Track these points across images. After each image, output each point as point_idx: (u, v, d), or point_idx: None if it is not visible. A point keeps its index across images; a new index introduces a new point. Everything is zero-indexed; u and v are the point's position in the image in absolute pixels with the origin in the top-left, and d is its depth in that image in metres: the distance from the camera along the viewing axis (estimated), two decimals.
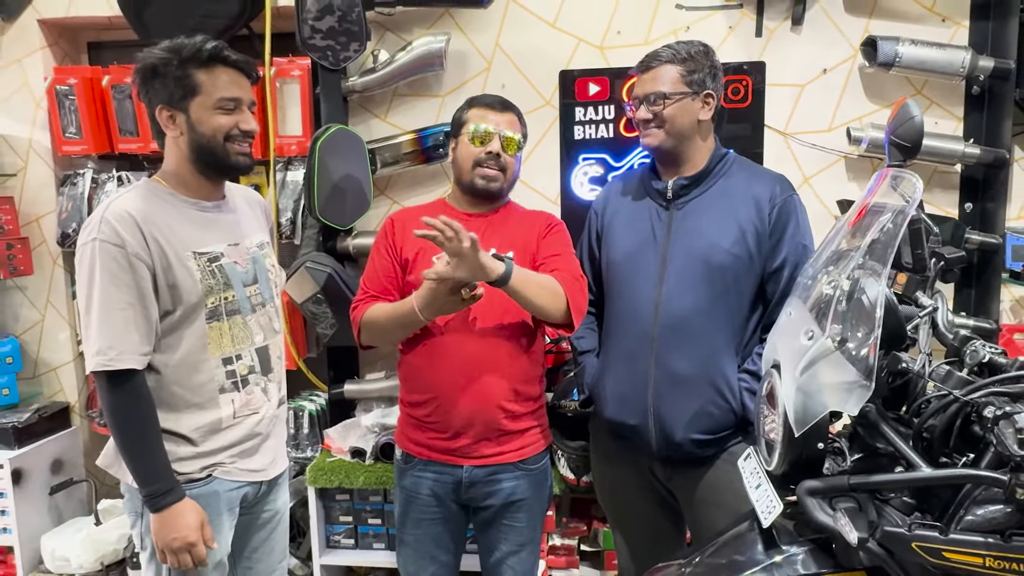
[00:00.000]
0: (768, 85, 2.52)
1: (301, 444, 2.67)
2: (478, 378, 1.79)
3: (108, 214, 1.52)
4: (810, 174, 2.56)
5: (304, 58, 2.54)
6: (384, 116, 2.70)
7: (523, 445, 1.87)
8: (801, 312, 1.29)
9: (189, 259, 1.58)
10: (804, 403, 1.17)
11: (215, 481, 1.63)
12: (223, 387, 1.63)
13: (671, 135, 1.77)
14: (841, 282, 1.20)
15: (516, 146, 1.86)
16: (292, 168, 2.64)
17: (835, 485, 1.19)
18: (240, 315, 1.65)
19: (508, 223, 1.91)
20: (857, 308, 1.15)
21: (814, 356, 1.18)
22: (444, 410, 1.81)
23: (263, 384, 1.70)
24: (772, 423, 1.27)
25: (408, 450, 1.90)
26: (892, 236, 1.16)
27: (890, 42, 2.36)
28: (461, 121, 1.89)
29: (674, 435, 1.75)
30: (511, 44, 2.62)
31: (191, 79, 1.55)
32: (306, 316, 2.55)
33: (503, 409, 1.81)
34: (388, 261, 1.88)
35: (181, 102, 1.56)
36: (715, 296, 1.74)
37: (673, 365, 1.75)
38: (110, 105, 2.65)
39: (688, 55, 1.75)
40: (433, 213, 1.87)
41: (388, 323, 1.80)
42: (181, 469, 1.59)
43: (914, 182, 1.20)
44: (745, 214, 1.75)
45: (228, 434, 1.64)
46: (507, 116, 1.87)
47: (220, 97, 1.56)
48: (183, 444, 1.60)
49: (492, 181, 1.84)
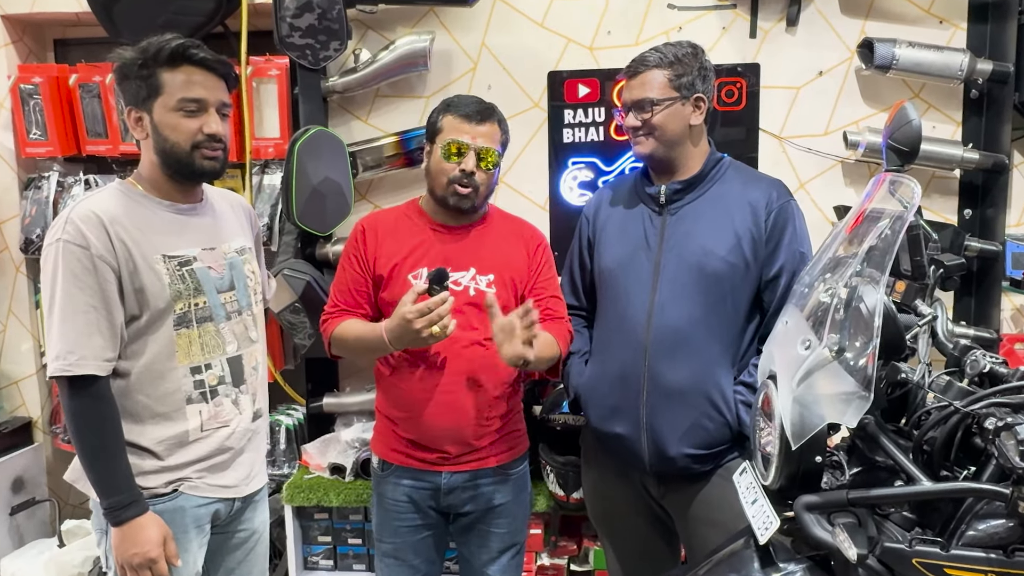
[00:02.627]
0: (763, 87, 2.55)
1: (277, 460, 2.65)
2: (455, 394, 1.81)
3: (74, 214, 1.52)
4: (806, 179, 2.58)
5: (282, 57, 2.53)
6: (366, 118, 2.70)
7: (501, 450, 1.88)
8: (798, 321, 1.30)
9: (158, 262, 1.57)
10: (801, 415, 1.18)
11: (181, 496, 1.62)
12: (190, 397, 1.62)
13: (662, 142, 1.78)
14: (838, 290, 1.21)
15: (494, 159, 1.82)
16: (269, 172, 2.63)
17: (833, 500, 1.19)
18: (212, 322, 1.64)
19: (488, 238, 1.90)
20: (855, 317, 1.16)
21: (811, 366, 1.19)
22: (420, 429, 1.83)
23: (233, 396, 1.69)
24: (768, 436, 1.27)
25: (385, 457, 1.91)
26: (890, 243, 1.18)
27: (887, 44, 2.39)
28: (436, 128, 1.85)
29: (667, 449, 1.76)
30: (498, 44, 2.63)
31: (155, 79, 1.54)
32: (283, 326, 2.54)
33: (478, 425, 1.83)
34: (359, 272, 1.88)
35: (145, 103, 1.56)
36: (710, 305, 1.75)
37: (666, 376, 1.75)
38: (77, 105, 2.63)
39: (676, 58, 1.76)
40: (406, 217, 1.91)
41: (357, 345, 1.83)
42: (145, 483, 1.58)
43: (912, 187, 1.22)
44: (741, 220, 1.76)
45: (195, 448, 1.63)
46: (485, 127, 1.81)
47: (181, 98, 1.54)
48: (147, 457, 1.59)
49: (464, 199, 1.82)
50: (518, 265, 1.90)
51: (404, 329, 1.65)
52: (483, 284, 1.85)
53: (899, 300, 1.48)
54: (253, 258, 1.80)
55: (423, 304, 1.62)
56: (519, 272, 1.90)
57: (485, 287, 1.85)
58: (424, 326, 1.62)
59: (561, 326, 1.89)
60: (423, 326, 1.62)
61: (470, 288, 1.84)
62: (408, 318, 1.63)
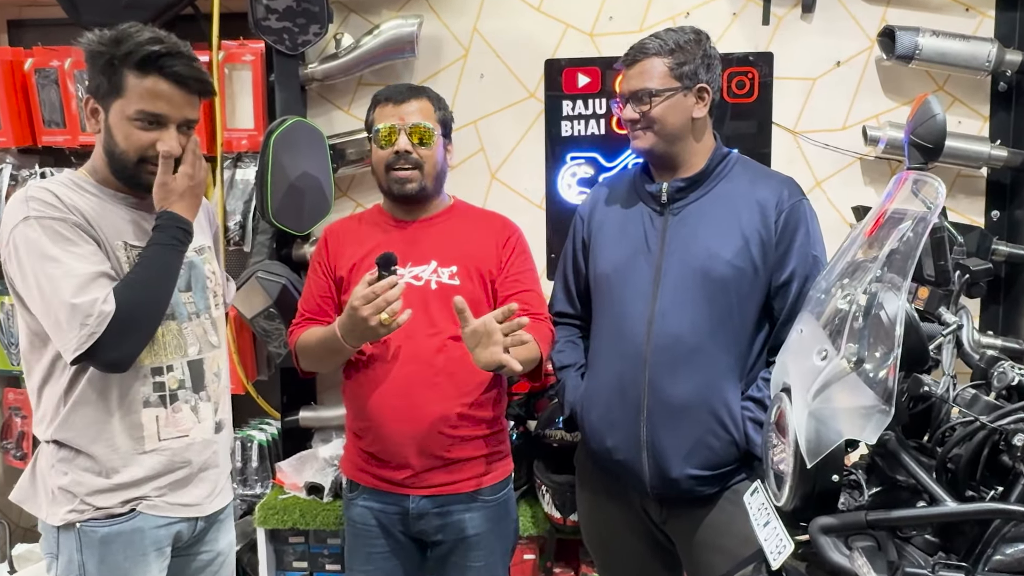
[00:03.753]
0: (776, 78, 2.57)
1: (249, 479, 2.64)
2: (414, 402, 1.81)
3: (31, 193, 1.51)
4: (822, 177, 2.60)
5: (257, 41, 2.54)
6: (348, 108, 2.70)
7: (477, 474, 1.88)
8: (813, 329, 1.31)
9: (119, 249, 1.58)
10: (817, 430, 1.18)
11: (139, 517, 1.61)
12: (148, 400, 1.62)
13: (662, 136, 1.79)
14: (857, 296, 1.22)
15: (429, 135, 1.85)
16: (242, 165, 2.63)
17: (851, 522, 1.20)
18: (175, 321, 1.65)
19: (450, 229, 1.92)
20: (875, 325, 1.17)
21: (828, 378, 1.19)
22: (383, 440, 1.84)
23: (193, 402, 1.68)
24: (782, 453, 1.28)
25: (353, 477, 1.93)
26: (912, 246, 1.19)
27: (909, 33, 2.41)
28: (369, 123, 1.92)
29: (669, 470, 1.76)
30: (491, 29, 2.64)
31: (119, 78, 1.52)
32: (257, 333, 2.54)
33: (446, 435, 1.83)
34: (323, 280, 1.92)
35: (104, 98, 1.55)
36: (715, 313, 1.76)
37: (668, 391, 1.75)
38: (33, 92, 2.63)
39: (677, 45, 1.77)
40: (369, 221, 1.96)
41: (319, 350, 1.85)
42: (98, 503, 1.58)
43: (936, 187, 1.23)
44: (749, 221, 1.77)
45: (152, 460, 1.62)
46: (413, 104, 1.87)
47: (138, 109, 1.52)
48: (98, 474, 1.59)
49: (407, 183, 1.85)
50: (485, 256, 1.91)
51: (353, 319, 1.65)
52: (445, 277, 1.86)
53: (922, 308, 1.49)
54: (213, 257, 1.79)
55: (368, 290, 1.62)
56: (486, 263, 1.90)
57: (448, 279, 1.85)
58: (371, 313, 1.62)
59: (540, 325, 1.88)
60: (370, 313, 1.62)
61: (431, 282, 1.85)
62: (355, 305, 1.63)
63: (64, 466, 1.59)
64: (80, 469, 1.58)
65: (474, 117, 2.67)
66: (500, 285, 1.91)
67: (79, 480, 1.58)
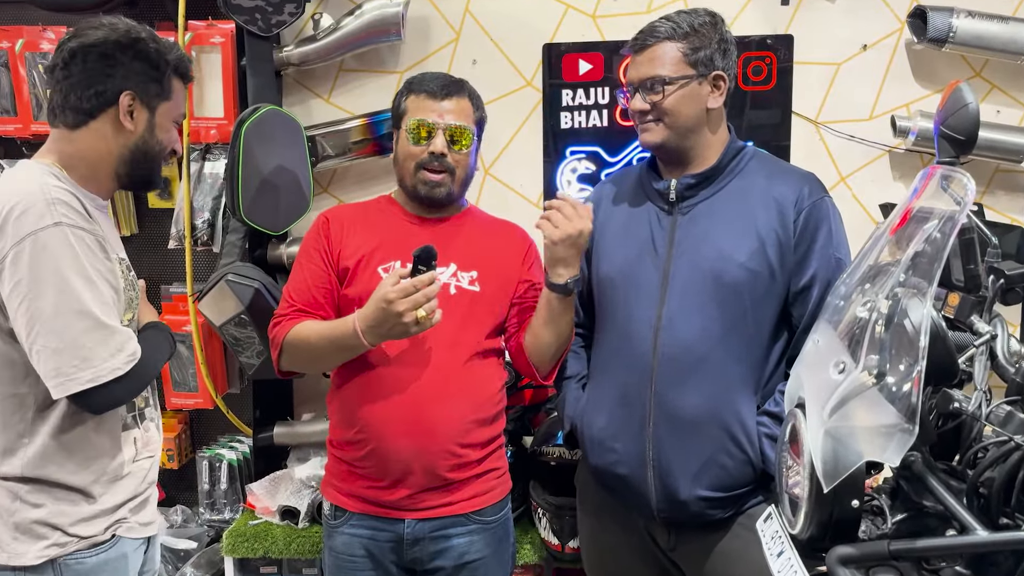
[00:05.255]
0: (796, 64, 2.57)
1: (217, 503, 2.64)
2: (421, 415, 1.80)
3: (53, 195, 1.50)
4: (847, 172, 2.60)
5: (227, 22, 2.54)
6: (327, 96, 2.71)
7: (476, 493, 1.88)
8: (831, 340, 1.31)
9: (116, 264, 1.62)
10: (835, 451, 1.18)
11: (120, 541, 1.64)
12: (126, 423, 1.67)
13: (674, 129, 1.79)
14: (879, 303, 1.21)
15: (467, 139, 1.87)
16: (211, 158, 2.64)
17: (873, 552, 1.19)
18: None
19: (471, 231, 1.94)
20: (897, 335, 1.17)
21: (846, 393, 1.19)
22: (380, 454, 1.82)
23: (156, 419, 1.76)
24: (796, 475, 1.27)
25: (337, 502, 1.91)
26: (939, 248, 1.18)
27: (943, 14, 2.41)
28: (400, 111, 1.92)
29: (678, 492, 1.76)
30: (484, 10, 2.64)
31: (168, 81, 1.66)
32: (227, 342, 2.54)
33: (451, 453, 1.82)
34: (321, 268, 1.89)
35: (153, 99, 1.64)
36: (728, 320, 1.76)
37: (676, 404, 1.76)
38: None
39: (691, 28, 1.77)
40: (379, 210, 1.95)
41: (321, 345, 1.81)
42: (83, 532, 1.58)
43: (965, 182, 1.22)
44: (765, 220, 1.77)
45: (127, 483, 1.66)
46: (453, 102, 1.88)
47: (181, 112, 1.73)
48: (81, 501, 1.60)
49: (437, 187, 1.87)
50: (507, 265, 1.93)
51: (384, 314, 1.65)
52: (465, 282, 1.87)
53: (952, 316, 1.49)
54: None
55: (408, 283, 1.63)
56: (508, 273, 1.93)
57: (468, 284, 1.87)
58: (408, 308, 1.62)
59: None
60: (407, 308, 1.62)
61: (451, 286, 1.85)
62: (390, 299, 1.63)
63: (37, 498, 1.57)
64: (58, 499, 1.58)
65: None
66: (518, 297, 1.94)
67: (61, 510, 1.57)
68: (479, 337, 1.86)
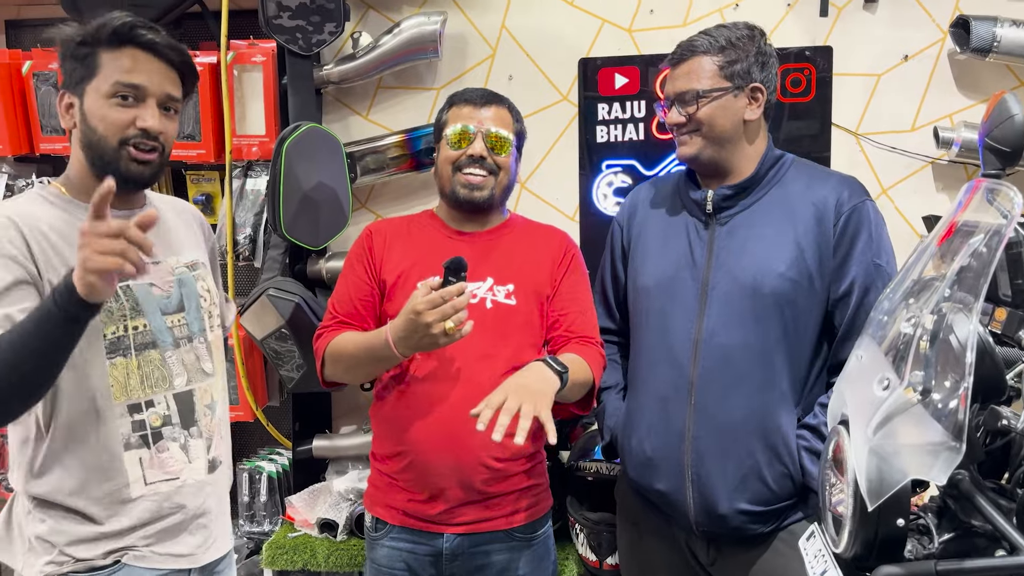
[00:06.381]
0: (836, 75, 2.55)
1: (257, 515, 2.67)
2: (459, 431, 1.79)
3: None
4: (889, 183, 2.57)
5: (269, 41, 2.58)
6: (366, 113, 2.74)
7: (516, 509, 1.88)
8: (874, 355, 1.29)
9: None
10: (879, 469, 1.16)
11: (124, 569, 1.58)
12: (128, 442, 1.59)
13: (711, 140, 1.79)
14: (923, 319, 1.20)
15: (507, 145, 1.89)
16: (253, 175, 2.67)
17: (920, 572, 1.18)
18: (156, 349, 1.62)
19: (509, 245, 1.94)
20: (943, 351, 1.15)
21: (890, 410, 1.17)
22: (419, 468, 1.83)
23: (182, 440, 1.65)
24: (840, 493, 1.26)
25: (379, 515, 1.92)
26: (986, 262, 1.16)
27: (986, 23, 2.38)
28: (441, 123, 1.94)
29: (717, 505, 1.75)
30: (521, 26, 2.66)
31: (93, 58, 1.52)
32: (267, 356, 2.57)
33: (488, 468, 1.82)
34: (364, 280, 1.91)
35: (78, 86, 1.53)
36: (768, 331, 1.75)
37: (716, 416, 1.75)
38: (31, 96, 2.70)
39: (728, 42, 1.77)
40: (420, 225, 1.96)
41: (357, 355, 1.82)
42: (79, 554, 1.55)
43: (1012, 196, 1.21)
44: (804, 227, 1.76)
45: (138, 507, 1.60)
46: (492, 110, 1.90)
47: (116, 81, 1.51)
48: (82, 521, 1.57)
49: (477, 189, 1.87)
50: (540, 273, 1.92)
51: (413, 325, 1.65)
52: (501, 296, 1.87)
53: (999, 331, 1.46)
54: (208, 275, 1.78)
55: (436, 294, 1.62)
56: (541, 282, 1.92)
57: (504, 299, 1.86)
58: (436, 319, 1.61)
59: (591, 349, 1.89)
60: (435, 319, 1.61)
61: (487, 300, 1.86)
62: (419, 310, 1.62)
63: (42, 512, 1.57)
64: (60, 516, 1.56)
65: None
66: (551, 303, 1.92)
67: (59, 528, 1.56)
68: (516, 351, 1.86)
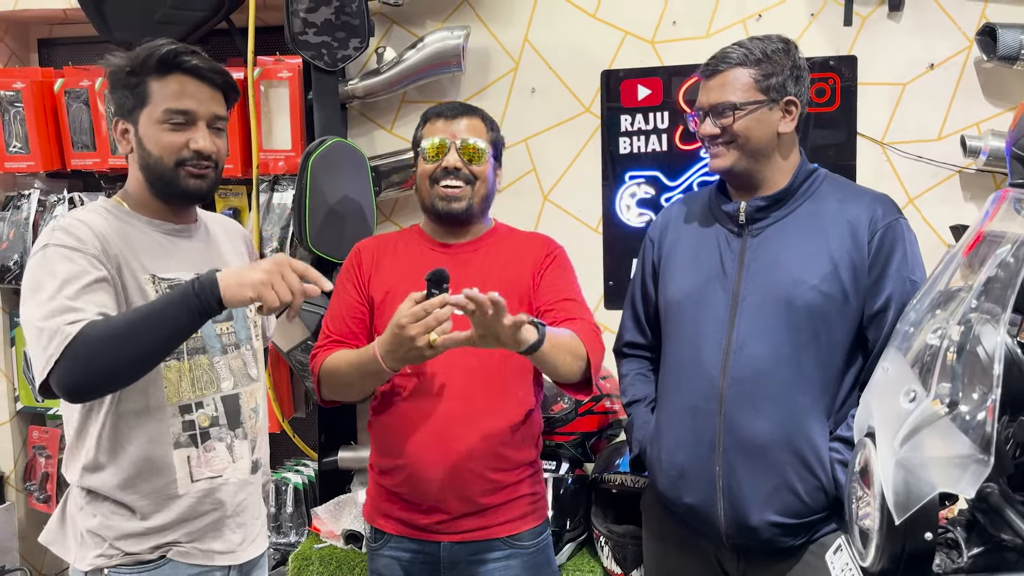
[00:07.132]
0: (860, 84, 2.54)
1: (283, 526, 2.68)
2: (450, 441, 1.82)
3: (61, 223, 1.60)
4: (915, 193, 2.55)
5: (294, 57, 2.61)
6: (390, 127, 2.76)
7: (513, 517, 1.89)
8: (901, 367, 1.29)
9: (147, 283, 1.64)
10: (906, 482, 1.16)
11: (169, 564, 1.65)
12: (178, 441, 1.66)
13: (745, 153, 1.79)
14: (950, 330, 1.19)
15: (482, 155, 1.90)
16: (279, 188, 2.70)
17: None
18: (206, 355, 1.70)
19: (492, 253, 1.95)
20: (970, 362, 1.14)
21: (917, 422, 1.17)
22: (415, 480, 1.84)
23: (228, 440, 1.73)
24: (867, 506, 1.25)
25: (378, 525, 1.94)
26: (1013, 272, 1.16)
27: (1013, 31, 2.36)
28: (418, 139, 1.96)
29: (748, 517, 1.74)
30: (543, 39, 2.67)
31: (143, 88, 1.63)
32: (294, 368, 2.59)
33: (485, 479, 1.84)
34: (355, 299, 1.94)
35: (131, 114, 1.65)
36: (800, 344, 1.74)
37: (747, 429, 1.74)
38: (63, 113, 2.75)
39: (764, 55, 1.77)
40: (406, 241, 1.99)
41: (350, 372, 1.83)
42: (127, 548, 1.62)
43: None
44: (838, 243, 1.76)
45: (183, 503, 1.67)
46: (465, 122, 1.92)
47: (166, 109, 1.62)
48: (130, 517, 1.64)
49: (455, 200, 1.88)
50: (524, 278, 1.93)
51: (398, 339, 1.65)
52: None
53: None
54: None
55: (418, 307, 1.62)
56: (525, 286, 1.92)
57: None
58: (420, 332, 1.61)
59: (582, 324, 1.85)
60: (419, 332, 1.61)
61: None
62: (402, 323, 1.63)
63: (93, 508, 1.64)
64: (110, 512, 1.64)
65: (525, 135, 2.71)
66: (536, 298, 1.92)
67: (108, 523, 1.63)
68: (504, 361, 1.84)
